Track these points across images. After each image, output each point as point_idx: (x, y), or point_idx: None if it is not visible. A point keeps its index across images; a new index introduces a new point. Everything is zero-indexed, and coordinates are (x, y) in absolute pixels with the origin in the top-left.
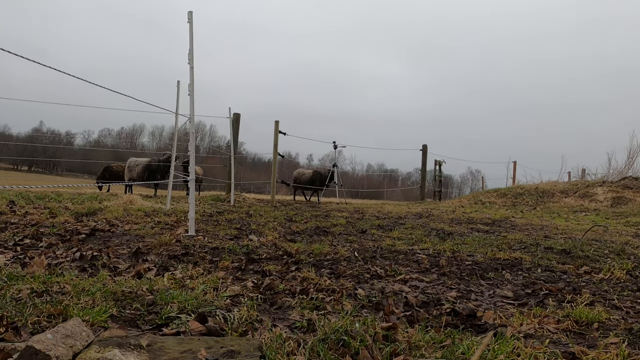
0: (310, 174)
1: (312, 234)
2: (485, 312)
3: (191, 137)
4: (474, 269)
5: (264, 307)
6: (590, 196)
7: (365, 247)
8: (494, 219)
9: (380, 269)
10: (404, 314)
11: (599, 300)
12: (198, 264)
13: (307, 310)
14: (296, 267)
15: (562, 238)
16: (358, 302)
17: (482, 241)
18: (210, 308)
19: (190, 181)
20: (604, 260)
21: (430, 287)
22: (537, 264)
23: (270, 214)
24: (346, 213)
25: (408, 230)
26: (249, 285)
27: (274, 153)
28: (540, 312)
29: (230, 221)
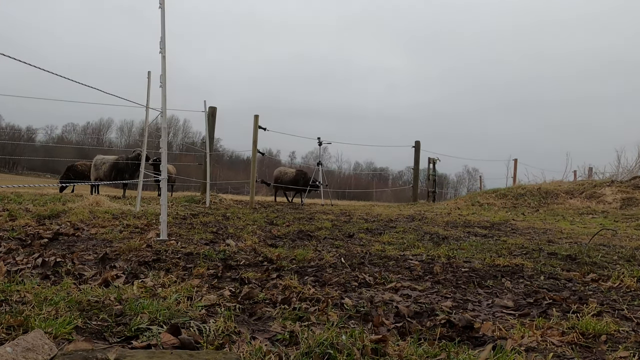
0: (293, 173)
1: (294, 238)
2: (483, 324)
3: (163, 133)
4: (471, 276)
5: (242, 318)
6: (598, 197)
7: (352, 252)
8: (493, 222)
9: (369, 276)
10: (394, 326)
11: (607, 311)
12: (171, 271)
13: (289, 321)
14: (277, 275)
15: (567, 243)
16: (345, 312)
17: (480, 246)
18: (183, 319)
19: (162, 181)
20: (612, 267)
21: (423, 296)
22: (539, 271)
23: (249, 217)
24: (332, 215)
25: (399, 235)
26: (226, 294)
27: (253, 150)
28: (543, 324)
29: (206, 224)
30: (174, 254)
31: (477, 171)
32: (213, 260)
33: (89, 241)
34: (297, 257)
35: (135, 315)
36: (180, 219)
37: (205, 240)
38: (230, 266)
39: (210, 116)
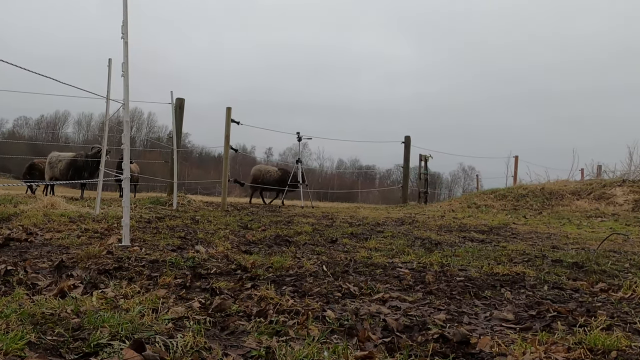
0: (277, 172)
1: (271, 244)
2: (480, 339)
3: (125, 127)
4: (467, 286)
5: (213, 332)
6: (608, 198)
7: (335, 259)
8: (492, 226)
9: (354, 286)
10: (382, 341)
11: (618, 324)
12: (134, 281)
13: (265, 336)
14: (252, 284)
15: (573, 249)
16: (327, 326)
17: (477, 253)
18: (148, 333)
19: (125, 180)
20: (624, 276)
21: (414, 308)
22: (543, 280)
23: (221, 220)
24: (312, 219)
25: (387, 240)
26: (195, 306)
27: (226, 146)
28: (547, 338)
29: (173, 228)
30: (138, 262)
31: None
32: (181, 268)
33: (43, 247)
34: (274, 264)
35: (95, 330)
36: (145, 223)
37: (172, 247)
38: (200, 275)
39: (178, 108)
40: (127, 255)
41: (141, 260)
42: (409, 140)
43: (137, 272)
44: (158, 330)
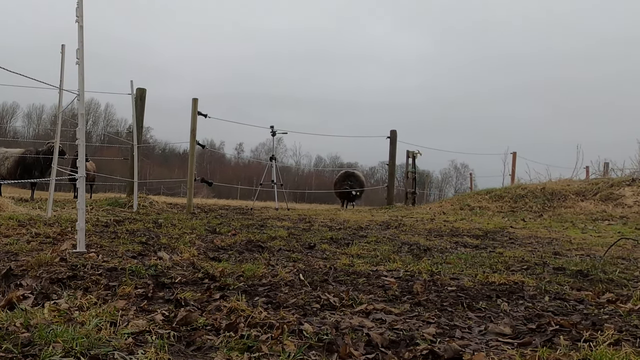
0: None
1: (242, 250)
2: (474, 355)
3: (80, 121)
4: (460, 296)
5: (178, 348)
6: (616, 199)
7: (313, 267)
8: (487, 230)
9: (334, 296)
10: (365, 357)
11: (626, 339)
12: (90, 291)
13: (235, 352)
14: (221, 295)
15: (577, 255)
16: (304, 341)
17: (471, 260)
18: (106, 349)
19: (80, 180)
20: (633, 285)
21: (400, 321)
22: (543, 290)
23: (187, 224)
24: (288, 222)
25: (371, 245)
26: (157, 319)
27: (192, 142)
28: (548, 355)
29: (133, 233)
30: (94, 270)
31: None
32: (142, 277)
33: None
34: (245, 273)
35: (47, 345)
36: (102, 227)
37: (133, 253)
38: (164, 284)
39: (139, 100)
40: (82, 263)
41: (98, 268)
42: (395, 135)
43: (94, 281)
44: (117, 346)
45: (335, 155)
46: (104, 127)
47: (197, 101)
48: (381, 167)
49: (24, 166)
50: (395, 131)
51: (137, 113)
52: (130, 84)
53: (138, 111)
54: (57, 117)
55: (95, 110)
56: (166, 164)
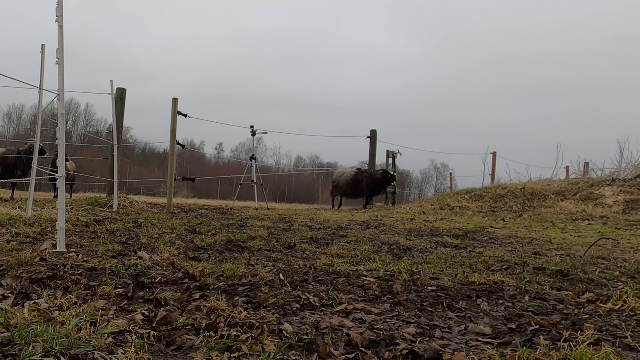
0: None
1: (222, 250)
2: (454, 355)
3: (60, 121)
4: (440, 296)
5: (158, 348)
6: (596, 199)
7: (293, 267)
8: (467, 230)
9: (314, 296)
10: (345, 357)
11: (606, 339)
12: (70, 291)
13: (215, 352)
14: (201, 295)
15: (557, 255)
16: (284, 341)
17: (451, 259)
18: (86, 349)
19: (60, 179)
20: (613, 285)
21: (380, 320)
22: (524, 290)
23: (167, 224)
24: (268, 222)
25: (351, 245)
26: (138, 319)
27: (172, 142)
28: (529, 355)
29: (113, 233)
30: (74, 270)
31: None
32: (122, 277)
33: None
34: (225, 273)
35: (27, 345)
36: (82, 227)
37: (113, 253)
38: (144, 284)
39: (119, 100)
40: (62, 263)
41: (78, 268)
42: (375, 135)
43: (74, 281)
44: (97, 346)
45: (315, 156)
46: (84, 127)
47: (177, 101)
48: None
49: (6, 166)
50: (375, 131)
51: (117, 113)
52: (111, 84)
53: (118, 111)
54: (37, 117)
55: (76, 110)
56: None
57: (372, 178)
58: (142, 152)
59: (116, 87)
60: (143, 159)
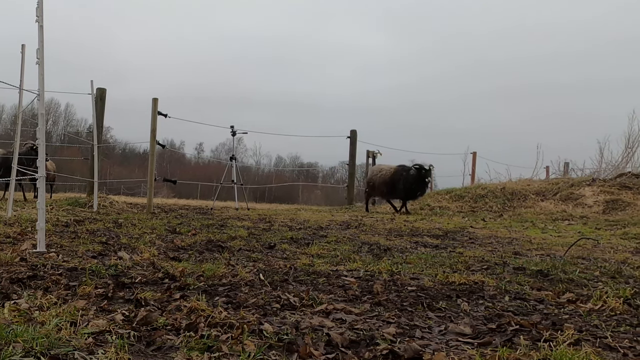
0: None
1: (202, 249)
2: (434, 355)
3: (40, 120)
4: (420, 296)
5: (138, 348)
6: (576, 199)
7: (273, 267)
8: (447, 230)
9: (294, 296)
10: (325, 357)
11: (586, 339)
12: (50, 291)
13: (195, 351)
14: (181, 295)
15: (537, 255)
16: (264, 341)
17: (431, 259)
18: (66, 349)
19: (40, 179)
20: (593, 285)
21: (360, 320)
22: (504, 289)
23: (147, 224)
24: (248, 222)
25: (331, 245)
26: (117, 319)
27: (152, 142)
28: (509, 354)
29: (93, 233)
30: (54, 270)
31: None
32: (102, 277)
33: None
34: (205, 273)
35: (7, 345)
36: (62, 226)
37: (93, 253)
38: (124, 284)
39: (99, 100)
40: (42, 263)
41: (58, 268)
42: (355, 135)
43: (54, 281)
44: (77, 346)
45: (295, 155)
46: (64, 127)
47: (157, 101)
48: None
49: (7, 167)
50: (355, 131)
51: (97, 113)
52: (91, 84)
53: (98, 111)
54: (17, 117)
55: (56, 110)
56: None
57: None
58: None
59: (96, 87)
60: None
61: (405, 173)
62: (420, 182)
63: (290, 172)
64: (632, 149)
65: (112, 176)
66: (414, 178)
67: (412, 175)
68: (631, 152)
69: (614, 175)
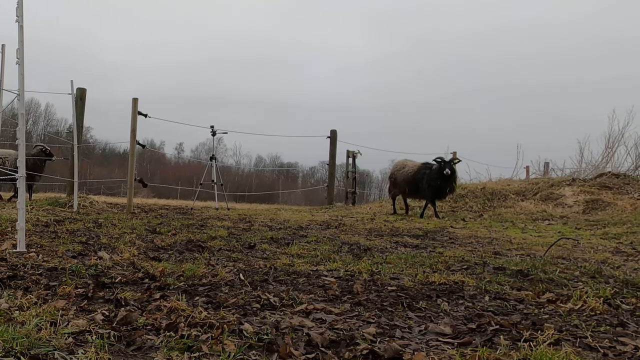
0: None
1: (182, 249)
2: (414, 355)
3: (20, 120)
4: (400, 296)
5: (118, 348)
6: (556, 199)
7: (254, 267)
8: (427, 230)
9: (274, 296)
10: (305, 357)
11: (566, 338)
12: (30, 291)
13: (176, 351)
14: (161, 295)
15: (517, 255)
16: (244, 340)
17: (411, 259)
18: (46, 349)
19: (19, 179)
20: (573, 285)
21: (340, 320)
22: (484, 289)
23: (127, 224)
24: (228, 222)
25: (311, 245)
26: (98, 319)
27: (132, 142)
28: (489, 354)
29: (73, 233)
30: (34, 270)
31: None
32: (82, 277)
33: None
34: (185, 273)
35: None
36: (42, 226)
37: (73, 253)
38: (104, 284)
39: (79, 100)
40: (22, 263)
41: (38, 268)
42: (335, 135)
43: (34, 281)
44: (57, 346)
45: (275, 155)
46: (44, 127)
47: (137, 101)
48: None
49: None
50: (335, 131)
51: (77, 113)
52: (71, 83)
53: (78, 111)
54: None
55: (36, 110)
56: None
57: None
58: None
59: (76, 87)
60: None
61: (428, 171)
62: (445, 180)
63: (270, 172)
64: (612, 148)
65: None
66: (440, 176)
67: (435, 171)
68: (611, 152)
69: (594, 175)
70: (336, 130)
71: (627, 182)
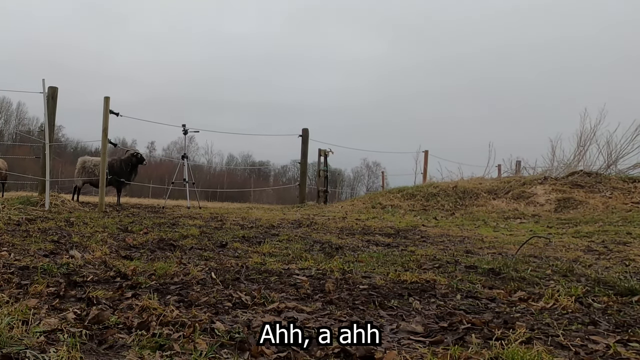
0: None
1: (154, 248)
2: (386, 353)
3: None
4: (372, 295)
5: (90, 347)
6: (528, 197)
7: (225, 266)
8: (399, 228)
9: (246, 295)
10: (277, 356)
11: (538, 337)
12: (2, 289)
13: (147, 350)
14: (133, 293)
15: (489, 254)
16: (216, 339)
17: (383, 258)
18: (18, 348)
19: None
20: (545, 284)
21: (312, 319)
22: (455, 288)
23: (99, 222)
24: (200, 220)
25: (283, 244)
26: (69, 317)
27: (103, 140)
28: (460, 353)
29: (45, 231)
30: (6, 269)
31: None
32: (54, 275)
33: None
34: (157, 271)
35: None
36: (14, 225)
37: (45, 251)
38: (75, 283)
39: (51, 99)
40: None
41: (10, 266)
42: (307, 134)
43: (6, 279)
44: (29, 344)
45: (247, 154)
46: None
47: (108, 100)
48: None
49: (113, 172)
50: (307, 129)
51: (49, 112)
52: (42, 82)
53: (50, 110)
54: None
55: (7, 108)
56: None
57: None
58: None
59: (48, 85)
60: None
61: None
62: None
63: (242, 171)
64: (584, 147)
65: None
66: None
67: None
68: (583, 151)
69: (565, 173)
70: (308, 129)
71: (599, 181)
